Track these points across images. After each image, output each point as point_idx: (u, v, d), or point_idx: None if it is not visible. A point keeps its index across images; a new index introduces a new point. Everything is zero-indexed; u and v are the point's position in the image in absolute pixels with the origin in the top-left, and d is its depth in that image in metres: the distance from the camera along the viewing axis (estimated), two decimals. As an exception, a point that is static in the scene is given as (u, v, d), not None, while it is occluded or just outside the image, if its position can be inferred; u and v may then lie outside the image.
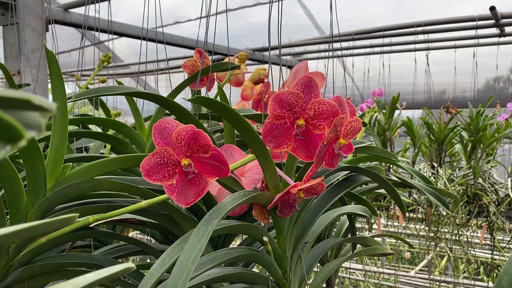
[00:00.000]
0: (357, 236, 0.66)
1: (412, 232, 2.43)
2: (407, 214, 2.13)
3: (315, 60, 2.60)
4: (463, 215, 1.88)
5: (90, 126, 0.85)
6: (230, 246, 0.59)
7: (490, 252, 1.95)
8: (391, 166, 1.76)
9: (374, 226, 2.38)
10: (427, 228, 1.97)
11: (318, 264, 0.69)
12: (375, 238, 0.74)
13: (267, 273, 0.51)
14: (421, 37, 2.12)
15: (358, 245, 0.73)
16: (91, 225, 0.49)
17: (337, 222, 0.80)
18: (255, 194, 0.43)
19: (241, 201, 0.41)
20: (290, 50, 2.57)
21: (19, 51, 1.38)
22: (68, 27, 2.27)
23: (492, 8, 1.86)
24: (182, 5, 3.06)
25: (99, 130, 0.72)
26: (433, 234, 2.01)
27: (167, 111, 0.68)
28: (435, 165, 2.02)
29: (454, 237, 1.93)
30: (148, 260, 0.73)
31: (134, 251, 0.54)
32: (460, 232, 1.91)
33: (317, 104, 0.44)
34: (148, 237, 0.63)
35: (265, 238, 0.46)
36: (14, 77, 1.34)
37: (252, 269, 0.57)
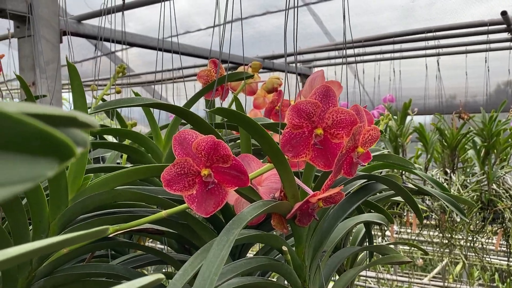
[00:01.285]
0: (375, 244, 0.66)
1: (425, 239, 2.41)
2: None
3: (325, 67, 2.60)
4: (477, 222, 1.86)
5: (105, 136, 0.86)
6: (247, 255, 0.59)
7: (505, 259, 1.93)
8: (403, 172, 1.75)
9: (387, 233, 2.36)
10: (440, 234, 1.95)
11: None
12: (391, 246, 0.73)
13: (286, 282, 0.51)
14: (431, 42, 2.11)
15: (374, 253, 0.73)
16: (110, 235, 0.50)
17: (353, 230, 0.79)
18: (275, 203, 0.44)
19: (261, 211, 0.41)
20: (300, 57, 2.57)
21: (34, 63, 1.40)
22: (79, 37, 2.31)
23: (504, 13, 1.85)
24: (191, 14, 3.09)
25: (114, 140, 0.73)
26: (447, 241, 1.98)
27: (183, 121, 0.68)
28: (448, 171, 2.00)
29: (468, 244, 1.90)
30: (164, 270, 0.73)
31: (152, 260, 0.55)
32: (474, 239, 1.88)
33: (335, 113, 0.44)
34: (164, 246, 0.64)
35: (284, 248, 0.46)
36: (30, 87, 1.36)
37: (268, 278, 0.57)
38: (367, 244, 0.70)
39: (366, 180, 0.57)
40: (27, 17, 1.38)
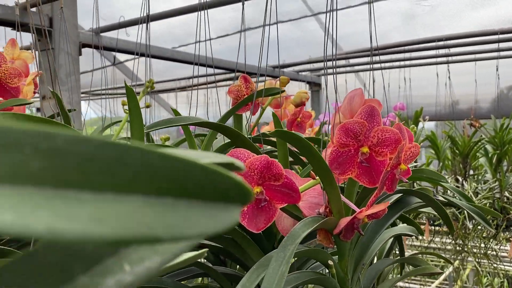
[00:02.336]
0: (408, 256, 0.67)
1: (437, 246, 2.41)
2: (432, 228, 2.12)
3: (334, 75, 2.61)
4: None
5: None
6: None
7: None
8: (416, 182, 1.76)
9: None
10: (453, 241, 1.96)
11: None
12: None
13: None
14: (441, 50, 2.13)
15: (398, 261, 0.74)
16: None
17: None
18: (324, 220, 0.45)
19: (312, 228, 0.43)
20: (309, 66, 2.60)
21: (55, 75, 1.42)
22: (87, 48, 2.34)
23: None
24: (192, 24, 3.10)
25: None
26: (459, 248, 1.99)
27: (220, 134, 0.70)
28: (460, 178, 2.01)
29: (481, 251, 1.91)
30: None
31: (196, 273, 0.56)
32: (488, 246, 1.89)
33: (380, 132, 0.46)
34: (202, 259, 0.65)
35: (330, 262, 0.48)
36: (49, 100, 1.38)
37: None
38: (400, 256, 0.71)
39: (401, 194, 0.58)
40: (48, 30, 1.40)
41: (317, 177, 0.50)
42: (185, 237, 0.13)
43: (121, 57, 3.28)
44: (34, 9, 1.39)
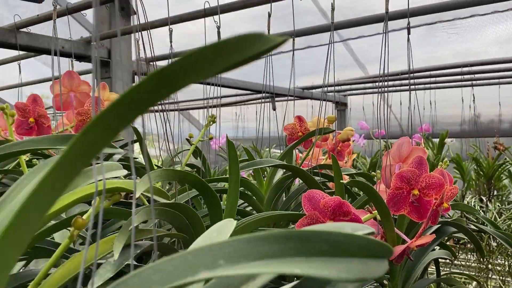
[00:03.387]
0: (444, 277, 0.77)
1: (460, 263, 2.47)
2: (456, 246, 2.19)
3: (360, 95, 2.74)
4: (514, 248, 1.93)
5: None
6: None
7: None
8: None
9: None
10: (478, 259, 2.03)
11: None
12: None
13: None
14: (466, 73, 2.22)
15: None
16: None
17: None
18: (382, 248, 0.56)
19: (374, 254, 0.54)
20: (336, 87, 2.72)
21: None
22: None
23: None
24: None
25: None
26: (483, 266, 2.06)
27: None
28: (484, 198, 2.09)
29: (506, 269, 1.98)
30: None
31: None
32: None
33: (427, 178, 0.57)
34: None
35: (385, 281, 0.59)
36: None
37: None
38: (426, 273, 0.82)
39: (441, 224, 0.69)
40: (106, 61, 1.55)
41: (374, 212, 0.61)
42: (360, 279, 0.24)
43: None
44: (95, 43, 1.55)
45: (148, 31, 1.04)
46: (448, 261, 2.78)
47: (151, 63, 1.73)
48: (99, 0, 1.24)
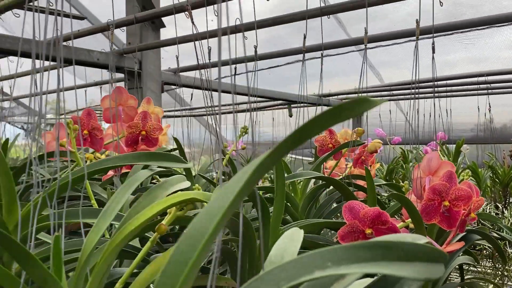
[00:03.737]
0: (468, 281, 0.83)
1: (477, 269, 2.50)
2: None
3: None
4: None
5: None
6: None
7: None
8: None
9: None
10: (494, 265, 2.06)
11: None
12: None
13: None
14: (482, 83, 2.27)
15: None
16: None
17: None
18: (416, 253, 0.62)
19: (409, 259, 0.60)
20: (354, 95, 2.77)
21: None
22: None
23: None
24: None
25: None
26: (500, 272, 2.09)
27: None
28: (499, 205, 2.12)
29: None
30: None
31: None
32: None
33: (457, 190, 0.63)
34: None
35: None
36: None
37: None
38: (461, 281, 0.87)
39: (466, 233, 0.75)
40: (137, 72, 1.63)
41: (407, 220, 0.67)
42: (427, 279, 0.31)
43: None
44: (126, 55, 1.63)
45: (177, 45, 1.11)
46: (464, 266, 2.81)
47: (178, 73, 1.79)
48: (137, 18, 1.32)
